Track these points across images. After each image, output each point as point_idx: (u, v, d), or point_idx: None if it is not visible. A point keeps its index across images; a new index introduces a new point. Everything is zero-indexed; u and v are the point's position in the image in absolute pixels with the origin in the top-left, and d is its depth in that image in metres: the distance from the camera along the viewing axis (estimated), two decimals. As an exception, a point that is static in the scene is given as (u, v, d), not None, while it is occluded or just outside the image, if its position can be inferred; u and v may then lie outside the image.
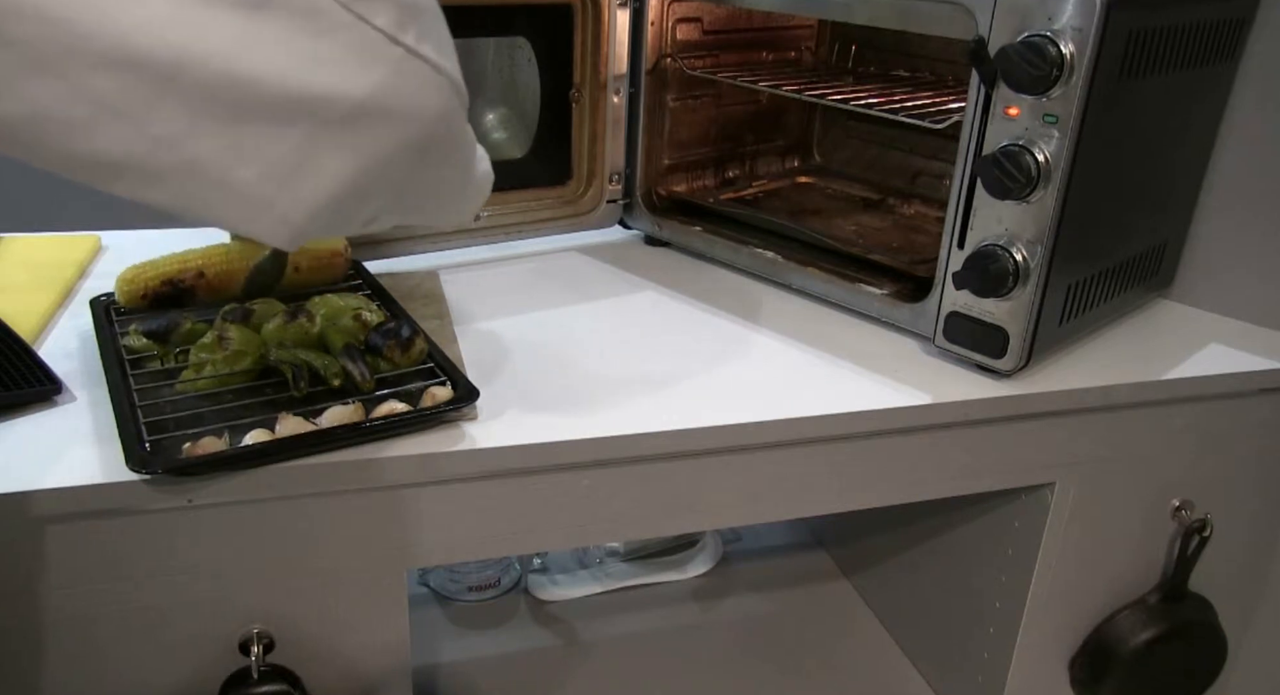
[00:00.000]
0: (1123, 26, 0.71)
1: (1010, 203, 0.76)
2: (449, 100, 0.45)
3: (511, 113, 1.02)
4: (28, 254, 0.95)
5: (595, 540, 1.12)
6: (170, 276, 0.79)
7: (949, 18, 0.78)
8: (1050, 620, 0.92)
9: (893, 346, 0.86)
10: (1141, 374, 0.83)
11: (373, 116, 0.42)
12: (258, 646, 0.68)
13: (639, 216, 1.07)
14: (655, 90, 1.04)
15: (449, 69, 0.45)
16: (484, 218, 1.00)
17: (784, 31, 1.17)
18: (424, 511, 0.69)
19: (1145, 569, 0.93)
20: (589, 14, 0.98)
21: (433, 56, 0.44)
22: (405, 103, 0.43)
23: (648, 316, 0.91)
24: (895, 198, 1.15)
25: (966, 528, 0.98)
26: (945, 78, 1.08)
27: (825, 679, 1.09)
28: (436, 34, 0.44)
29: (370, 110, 0.42)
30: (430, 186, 0.51)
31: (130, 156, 0.39)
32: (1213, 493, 0.91)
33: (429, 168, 0.48)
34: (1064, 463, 0.85)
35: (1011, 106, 0.74)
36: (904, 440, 0.79)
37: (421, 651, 1.07)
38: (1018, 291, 0.77)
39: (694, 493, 0.76)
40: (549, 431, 0.70)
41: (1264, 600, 1.01)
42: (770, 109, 1.20)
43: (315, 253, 0.85)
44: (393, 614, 0.72)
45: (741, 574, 1.24)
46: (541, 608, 1.16)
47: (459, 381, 0.71)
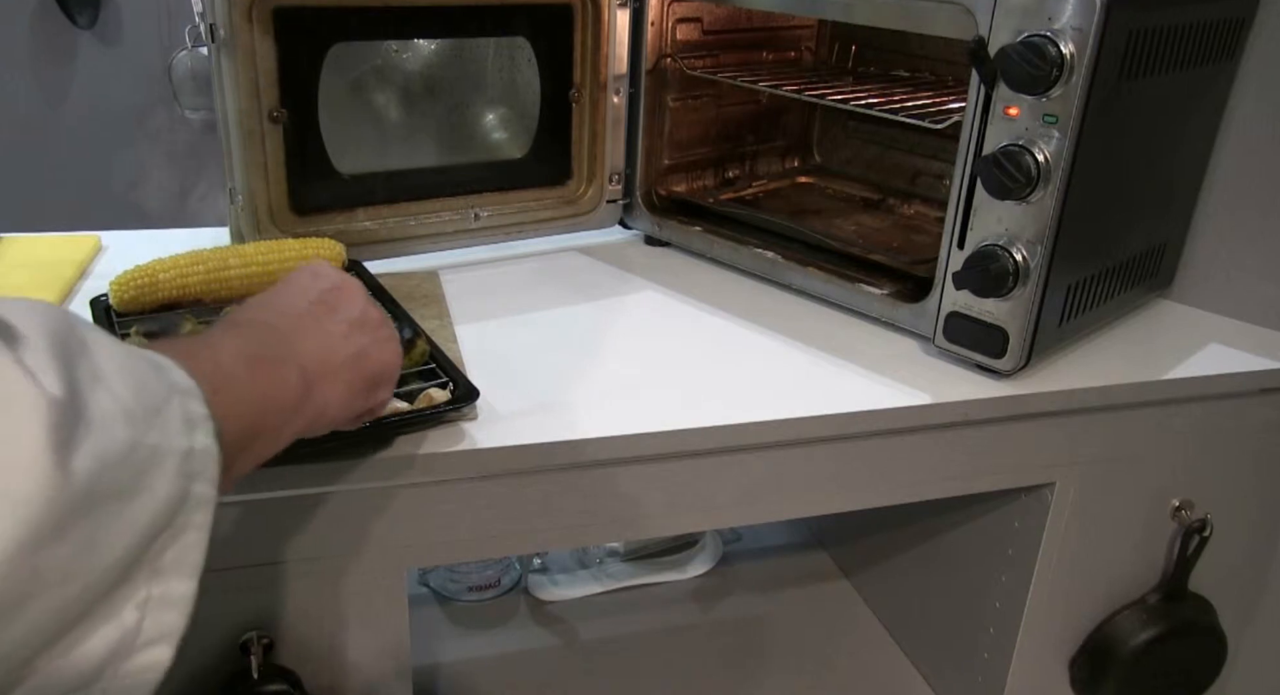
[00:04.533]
0: (1123, 26, 0.71)
1: (1010, 203, 0.76)
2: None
3: (511, 113, 1.02)
4: (28, 254, 0.95)
5: (595, 540, 1.12)
6: (168, 301, 0.79)
7: (949, 18, 0.78)
8: (1050, 620, 0.92)
9: (893, 346, 0.86)
10: (1141, 374, 0.83)
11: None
12: (258, 646, 0.68)
13: (639, 216, 1.07)
14: (655, 90, 1.04)
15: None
16: (484, 217, 1.00)
17: (784, 31, 1.17)
18: (424, 511, 0.69)
19: (1145, 569, 0.93)
20: (589, 14, 0.98)
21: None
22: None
23: (648, 316, 0.91)
24: (895, 198, 1.15)
25: (966, 528, 0.98)
26: (945, 78, 1.08)
27: (825, 679, 1.09)
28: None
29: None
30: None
31: None
32: (1213, 493, 0.91)
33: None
34: (1064, 463, 0.85)
35: (1011, 106, 0.74)
36: (904, 440, 0.79)
37: (421, 651, 1.07)
38: (1018, 291, 0.77)
39: (694, 493, 0.76)
40: (549, 431, 0.70)
41: (1264, 600, 1.00)
42: (770, 109, 1.20)
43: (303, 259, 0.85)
44: (393, 614, 0.72)
45: (741, 574, 1.24)
46: (541, 608, 1.16)
47: (459, 382, 0.71)
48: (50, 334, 0.37)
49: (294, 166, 0.88)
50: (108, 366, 0.39)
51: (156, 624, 0.39)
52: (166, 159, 2.04)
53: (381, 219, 0.95)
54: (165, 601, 0.39)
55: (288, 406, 0.50)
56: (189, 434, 0.40)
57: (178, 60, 1.95)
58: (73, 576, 0.35)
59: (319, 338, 0.55)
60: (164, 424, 0.39)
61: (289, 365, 0.51)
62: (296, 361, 0.52)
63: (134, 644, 0.38)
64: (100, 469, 0.36)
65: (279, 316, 0.55)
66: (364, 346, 0.57)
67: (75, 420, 0.35)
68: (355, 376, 0.56)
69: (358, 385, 0.56)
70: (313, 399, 0.52)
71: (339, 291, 0.59)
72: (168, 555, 0.40)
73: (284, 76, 0.85)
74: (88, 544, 0.35)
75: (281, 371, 0.50)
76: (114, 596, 0.37)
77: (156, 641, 0.39)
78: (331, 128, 0.90)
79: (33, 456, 0.33)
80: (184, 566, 0.40)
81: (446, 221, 0.98)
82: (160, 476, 0.39)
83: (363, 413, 0.60)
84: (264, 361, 0.50)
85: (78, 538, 0.35)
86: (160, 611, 0.39)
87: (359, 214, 0.94)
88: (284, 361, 0.51)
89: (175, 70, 1.95)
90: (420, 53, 0.95)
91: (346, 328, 0.57)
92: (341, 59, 0.89)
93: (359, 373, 0.56)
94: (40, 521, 0.33)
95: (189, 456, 0.40)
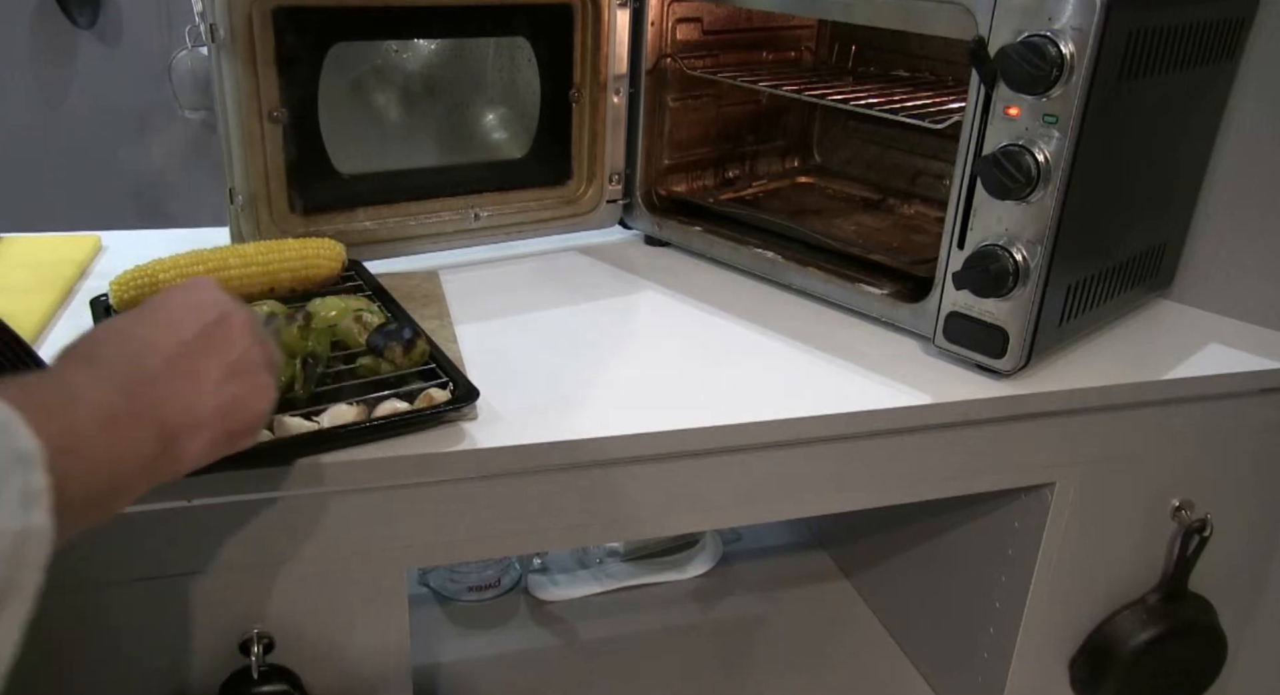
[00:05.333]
0: (1123, 26, 0.71)
1: (1010, 203, 0.76)
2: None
3: (511, 113, 1.02)
4: (28, 254, 0.95)
5: (595, 540, 1.12)
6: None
7: (949, 18, 0.78)
8: (1050, 620, 0.92)
9: (893, 346, 0.86)
10: (1141, 374, 0.83)
11: None
12: (258, 646, 0.68)
13: (639, 216, 1.07)
14: (655, 90, 1.04)
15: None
16: (484, 217, 1.00)
17: (784, 31, 1.17)
18: (424, 511, 0.69)
19: (1145, 569, 0.93)
20: (589, 14, 0.98)
21: None
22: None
23: (648, 316, 0.91)
24: (895, 198, 1.15)
25: (966, 528, 0.98)
26: (945, 78, 1.08)
27: (825, 679, 1.09)
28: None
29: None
30: None
31: None
32: (1213, 493, 0.91)
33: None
34: (1064, 463, 0.85)
35: (1011, 106, 0.74)
36: (904, 440, 0.79)
37: (421, 651, 1.07)
38: (1018, 291, 0.77)
39: (694, 493, 0.76)
40: (549, 431, 0.70)
41: (1264, 600, 1.01)
42: (770, 109, 1.20)
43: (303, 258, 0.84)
44: (393, 614, 0.72)
45: (741, 574, 1.24)
46: (541, 608, 1.16)
47: (459, 382, 0.71)
48: None
49: (294, 166, 0.88)
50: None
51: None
52: (166, 159, 2.04)
53: (381, 219, 0.95)
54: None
55: (141, 468, 0.46)
56: (25, 511, 0.36)
57: (178, 60, 1.95)
58: None
59: (188, 386, 0.50)
60: (1, 501, 0.35)
61: (147, 425, 0.46)
62: (157, 418, 0.47)
63: None
64: None
65: (149, 351, 0.49)
66: (236, 396, 0.52)
67: None
68: (219, 429, 0.51)
69: (220, 438, 0.51)
70: (168, 457, 0.48)
71: (221, 326, 0.53)
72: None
73: (284, 76, 0.85)
74: None
75: (137, 429, 0.46)
76: None
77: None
78: (331, 128, 0.90)
79: None
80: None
81: (446, 221, 0.98)
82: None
83: (216, 458, 0.54)
84: (121, 420, 0.45)
85: None
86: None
87: (359, 214, 0.94)
88: (142, 419, 0.46)
89: (175, 70, 1.95)
90: (420, 53, 0.95)
91: (220, 374, 0.51)
92: (341, 59, 0.89)
93: (224, 425, 0.51)
94: None
95: (22, 538, 0.35)
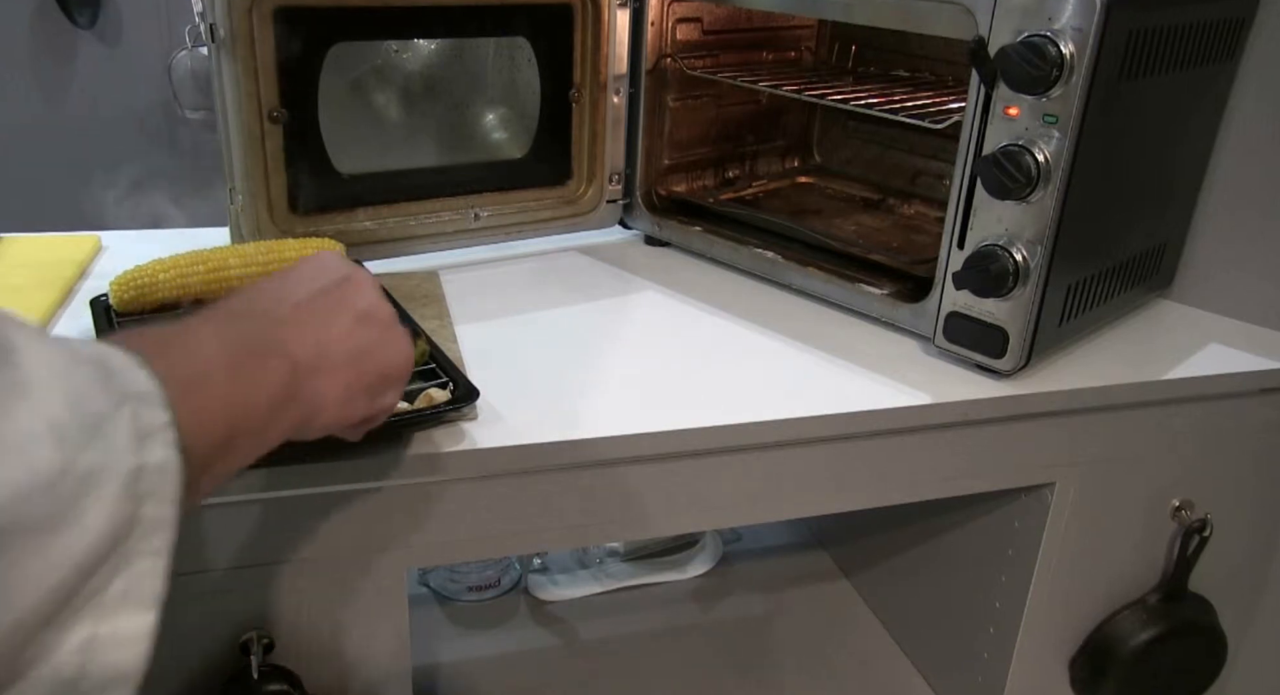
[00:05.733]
0: (1123, 26, 0.71)
1: (1010, 203, 0.76)
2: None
3: (511, 113, 1.02)
4: (28, 254, 0.95)
5: (595, 540, 1.12)
6: (168, 301, 0.79)
7: (949, 18, 0.78)
8: (1050, 620, 0.92)
9: (893, 346, 0.86)
10: (1141, 374, 0.83)
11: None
12: (258, 646, 0.68)
13: (639, 216, 1.07)
14: (655, 90, 1.04)
15: None
16: (484, 217, 1.00)
17: (784, 31, 1.17)
18: (424, 511, 0.69)
19: (1145, 569, 0.93)
20: (589, 14, 0.98)
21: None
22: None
23: (648, 316, 0.91)
24: (895, 198, 1.15)
25: (966, 528, 0.98)
26: (945, 78, 1.08)
27: (825, 679, 1.09)
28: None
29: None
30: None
31: None
32: (1213, 493, 0.91)
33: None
34: (1064, 463, 0.85)
35: (1011, 106, 0.74)
36: (904, 440, 0.79)
37: (421, 651, 1.07)
38: (1018, 291, 0.77)
39: (694, 493, 0.76)
40: (549, 431, 0.70)
41: (1264, 600, 1.00)
42: (770, 109, 1.20)
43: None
44: (393, 614, 0.72)
45: (741, 574, 1.24)
46: (541, 608, 1.16)
47: (459, 382, 0.71)
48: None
49: (294, 166, 0.88)
50: (38, 376, 0.34)
51: (104, 667, 0.35)
52: (166, 159, 2.04)
53: (381, 219, 0.95)
54: (114, 641, 0.35)
55: (272, 403, 0.45)
56: (139, 449, 0.36)
57: (178, 60, 1.95)
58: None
59: (317, 328, 0.49)
60: (107, 440, 0.35)
61: (276, 356, 0.46)
62: (286, 353, 0.46)
63: (78, 691, 0.34)
64: (10, 500, 0.31)
65: (274, 303, 0.50)
66: (368, 344, 0.52)
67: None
68: (355, 376, 0.51)
69: (357, 386, 0.51)
70: (303, 395, 0.47)
71: (347, 284, 0.53)
72: (114, 587, 0.35)
73: (284, 76, 0.84)
74: (2, 590, 0.31)
75: (266, 364, 0.45)
76: (45, 641, 0.33)
77: (107, 687, 0.35)
78: (331, 128, 0.90)
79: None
80: (137, 598, 0.36)
81: (446, 221, 0.98)
82: (95, 503, 0.34)
83: (363, 419, 0.54)
84: (247, 353, 0.45)
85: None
86: (108, 653, 0.35)
87: (359, 214, 0.94)
88: (270, 352, 0.46)
89: (175, 70, 1.95)
90: (420, 53, 0.95)
91: (350, 322, 0.51)
92: (341, 59, 0.89)
93: (360, 372, 0.51)
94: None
95: (138, 475, 0.35)
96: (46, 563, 0.32)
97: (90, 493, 0.34)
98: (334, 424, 0.52)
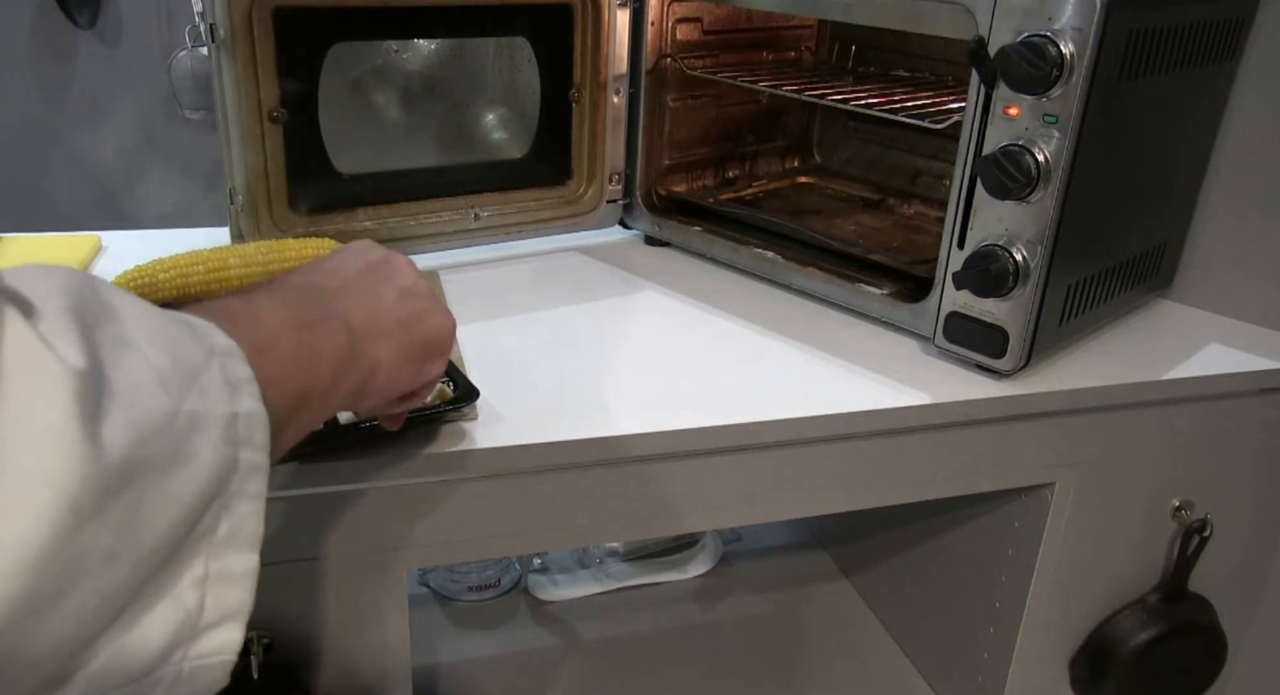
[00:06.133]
0: (1123, 26, 0.71)
1: (1010, 203, 0.76)
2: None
3: (511, 113, 1.02)
4: (28, 254, 0.95)
5: (595, 540, 1.12)
6: (168, 301, 0.79)
7: (949, 18, 0.78)
8: (1050, 620, 0.92)
9: (893, 346, 0.86)
10: (1141, 374, 0.83)
11: None
12: (258, 646, 0.68)
13: (639, 216, 1.07)
14: (655, 90, 1.04)
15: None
16: (484, 217, 1.00)
17: (784, 31, 1.17)
18: (424, 511, 0.69)
19: (1145, 569, 0.93)
20: (589, 14, 0.98)
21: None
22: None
23: (648, 316, 0.91)
24: (895, 198, 1.15)
25: (966, 528, 0.98)
26: (945, 78, 1.08)
27: (825, 679, 1.09)
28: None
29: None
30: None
31: None
32: (1213, 493, 0.91)
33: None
34: (1064, 463, 0.85)
35: (1011, 106, 0.74)
36: (904, 440, 0.79)
37: (421, 651, 1.07)
38: (1018, 291, 0.77)
39: (694, 493, 0.76)
40: (549, 431, 0.70)
41: (1264, 600, 1.01)
42: (770, 109, 1.20)
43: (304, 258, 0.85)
44: (393, 614, 0.72)
45: (741, 574, 1.24)
46: (541, 608, 1.16)
47: (459, 382, 0.71)
48: (69, 300, 0.35)
49: (294, 166, 0.88)
50: (137, 331, 0.36)
51: (219, 603, 0.37)
52: (166, 159, 2.04)
53: (381, 219, 0.95)
54: (226, 578, 0.38)
55: (336, 364, 0.48)
56: (232, 398, 0.38)
57: (178, 60, 1.95)
58: (118, 557, 0.33)
59: (368, 299, 0.53)
60: (204, 389, 0.37)
61: (334, 320, 0.48)
62: (342, 318, 0.49)
63: (198, 625, 0.37)
64: (136, 439, 0.33)
65: (326, 277, 0.53)
66: (415, 312, 0.55)
67: (101, 389, 0.33)
68: (407, 339, 0.54)
69: (411, 350, 0.54)
70: (362, 357, 0.50)
71: (389, 262, 0.57)
72: (222, 528, 0.37)
73: (284, 76, 0.85)
74: (130, 521, 0.33)
75: (327, 327, 0.48)
76: (167, 575, 0.35)
77: (222, 621, 0.38)
78: (331, 128, 0.90)
79: (60, 431, 0.31)
80: (242, 539, 0.38)
81: (446, 221, 0.98)
82: (204, 444, 0.36)
83: (414, 389, 0.57)
84: (309, 318, 0.47)
85: (119, 515, 0.33)
86: (222, 588, 0.37)
87: (359, 214, 0.94)
88: (329, 318, 0.48)
89: (175, 70, 1.95)
90: (420, 53, 0.95)
91: (397, 293, 0.55)
92: (341, 59, 0.89)
93: (410, 336, 0.54)
94: (76, 500, 0.31)
95: (234, 422, 0.38)
96: (168, 498, 0.35)
97: (196, 435, 0.36)
98: (387, 388, 0.54)
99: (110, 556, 0.33)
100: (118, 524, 0.33)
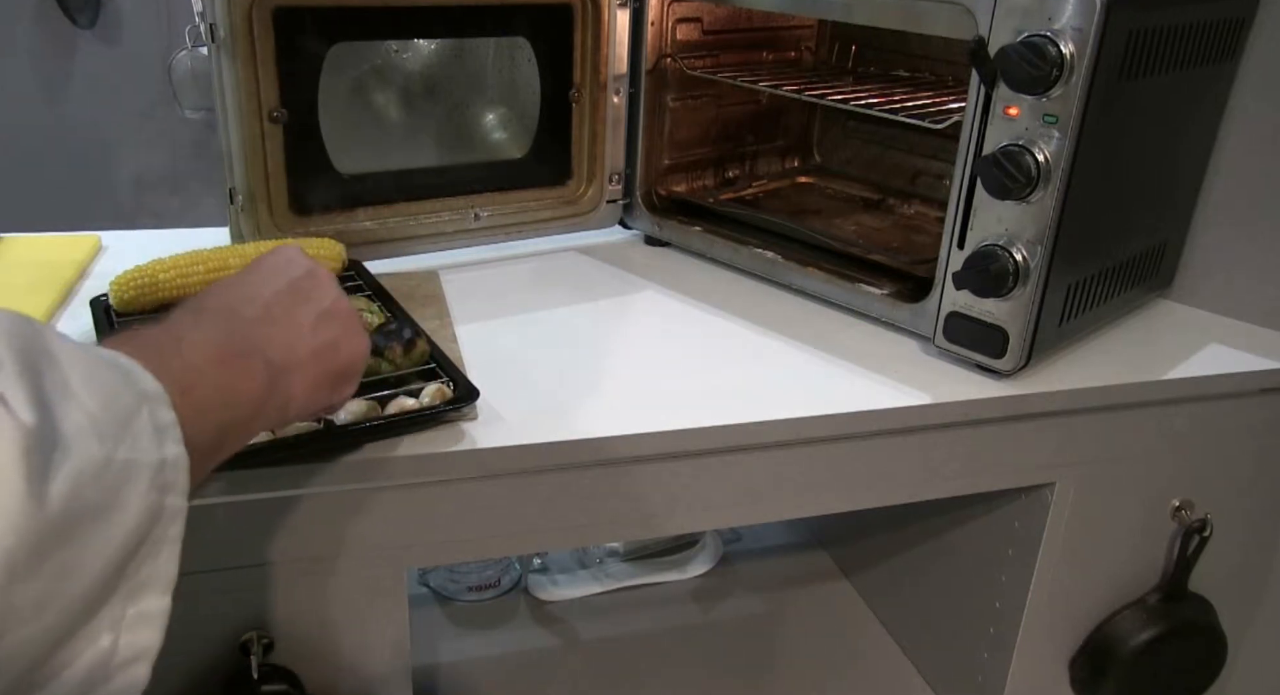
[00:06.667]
0: (1123, 26, 0.71)
1: (1010, 203, 0.76)
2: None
3: (511, 113, 1.02)
4: (28, 254, 0.95)
5: (595, 540, 1.12)
6: (168, 301, 0.79)
7: (949, 18, 0.78)
8: (1050, 620, 0.92)
9: (893, 346, 0.86)
10: (1141, 374, 0.83)
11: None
12: (258, 646, 0.68)
13: (639, 216, 1.07)
14: (655, 90, 1.04)
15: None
16: (484, 217, 1.00)
17: (784, 31, 1.17)
18: (424, 511, 0.69)
19: (1145, 569, 0.93)
20: (589, 14, 0.98)
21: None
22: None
23: (648, 316, 0.91)
24: (895, 198, 1.15)
25: (966, 528, 0.98)
26: (945, 78, 1.08)
27: (825, 679, 1.09)
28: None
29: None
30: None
31: None
32: (1213, 493, 0.91)
33: None
34: (1064, 463, 0.85)
35: (1011, 106, 0.74)
36: (904, 440, 0.79)
37: (421, 651, 1.07)
38: (1018, 291, 0.77)
39: (694, 493, 0.76)
40: (549, 431, 0.70)
41: (1264, 600, 1.00)
42: (770, 109, 1.20)
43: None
44: (393, 614, 0.72)
45: (741, 574, 1.24)
46: (541, 608, 1.16)
47: (459, 382, 0.71)
48: (16, 350, 0.35)
49: (294, 166, 0.88)
50: (75, 378, 0.37)
51: (132, 643, 0.38)
52: (166, 159, 2.04)
53: (381, 219, 0.95)
54: (141, 619, 0.38)
55: (254, 401, 0.48)
56: (159, 444, 0.39)
57: (178, 60, 1.95)
58: (48, 607, 0.33)
59: (286, 328, 0.53)
60: (135, 436, 0.38)
61: (255, 357, 0.49)
62: (262, 353, 0.49)
63: (110, 665, 0.37)
64: (75, 490, 0.34)
65: (245, 303, 0.53)
66: (332, 338, 0.55)
67: (50, 443, 0.33)
68: (321, 370, 0.54)
69: (323, 380, 0.54)
70: (278, 393, 0.50)
71: (310, 279, 0.56)
72: (143, 572, 0.38)
73: (284, 76, 0.85)
74: (64, 571, 0.34)
75: (248, 364, 0.48)
76: (90, 620, 0.36)
77: (133, 661, 0.38)
78: (331, 128, 0.90)
79: (7, 488, 0.31)
80: (158, 582, 0.39)
81: (446, 221, 0.98)
82: (133, 492, 0.37)
83: (325, 408, 0.58)
84: (231, 355, 0.48)
85: (54, 566, 0.33)
86: (136, 630, 0.38)
87: (359, 214, 0.94)
88: (250, 353, 0.49)
89: (175, 70, 1.95)
90: (420, 53, 0.95)
91: (315, 318, 0.55)
92: (341, 59, 0.89)
93: (325, 366, 0.54)
94: (14, 555, 0.31)
95: (161, 468, 0.38)
96: (99, 548, 0.35)
97: (128, 483, 0.37)
98: (300, 415, 0.56)
99: (40, 607, 0.33)
100: (49, 576, 0.33)
